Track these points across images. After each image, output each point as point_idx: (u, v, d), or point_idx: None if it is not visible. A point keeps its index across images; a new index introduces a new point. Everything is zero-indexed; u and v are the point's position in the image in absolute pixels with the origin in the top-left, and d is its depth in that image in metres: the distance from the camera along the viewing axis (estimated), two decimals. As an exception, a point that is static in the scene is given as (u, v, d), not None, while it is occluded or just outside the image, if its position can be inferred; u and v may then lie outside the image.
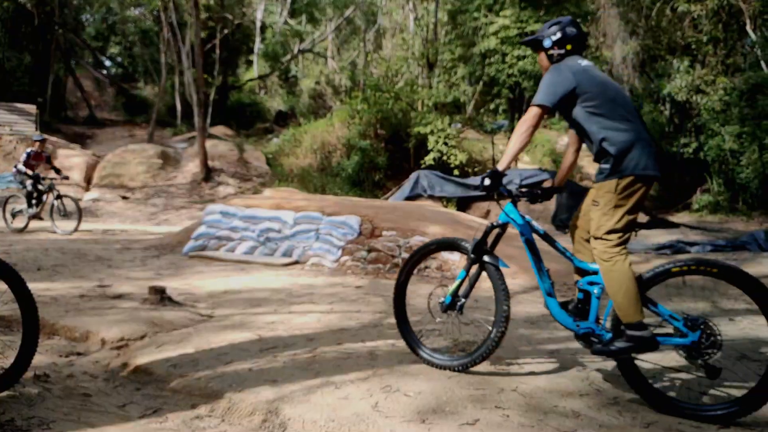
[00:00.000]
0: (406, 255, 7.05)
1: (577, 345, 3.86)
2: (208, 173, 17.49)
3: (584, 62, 2.85)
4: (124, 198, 16.20)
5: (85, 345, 3.94)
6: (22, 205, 10.71)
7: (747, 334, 4.31)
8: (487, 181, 2.90)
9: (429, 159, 16.61)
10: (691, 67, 15.51)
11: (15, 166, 10.57)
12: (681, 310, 2.81)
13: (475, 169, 17.56)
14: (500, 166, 2.89)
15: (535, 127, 2.78)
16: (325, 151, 19.45)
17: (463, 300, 3.19)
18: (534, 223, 3.13)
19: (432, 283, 6.40)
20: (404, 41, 23.37)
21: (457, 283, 3.23)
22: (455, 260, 6.91)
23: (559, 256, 3.17)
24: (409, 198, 13.70)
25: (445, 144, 16.59)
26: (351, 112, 19.23)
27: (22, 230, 10.35)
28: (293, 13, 30.86)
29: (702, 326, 2.61)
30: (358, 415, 2.63)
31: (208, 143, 18.46)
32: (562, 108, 2.82)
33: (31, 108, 18.45)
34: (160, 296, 4.87)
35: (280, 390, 2.91)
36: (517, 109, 19.10)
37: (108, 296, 5.25)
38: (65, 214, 10.52)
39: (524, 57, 15.83)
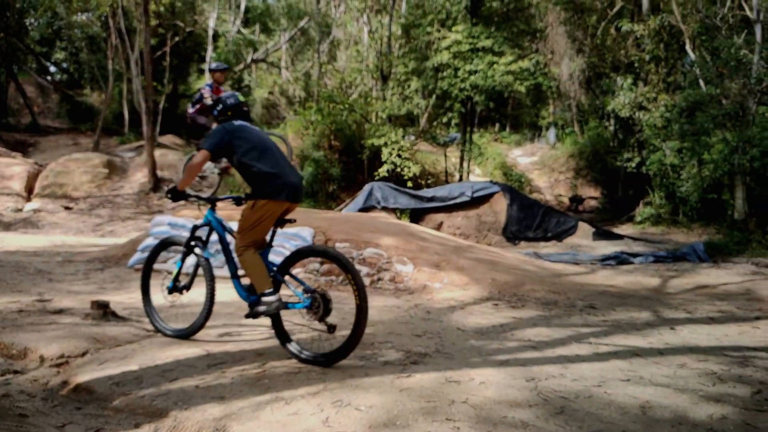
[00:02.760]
0: (359, 267, 7.04)
1: (526, 355, 3.94)
2: (157, 183, 17.07)
3: (239, 122, 3.92)
4: (68, 208, 15.63)
5: (22, 362, 3.76)
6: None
7: (687, 342, 4.48)
8: (168, 196, 3.95)
9: (383, 171, 16.67)
10: (634, 84, 16.07)
11: (196, 101, 8.33)
12: (305, 284, 3.69)
13: (429, 181, 17.71)
14: (179, 187, 3.95)
15: (203, 164, 3.83)
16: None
17: (182, 284, 4.16)
18: (225, 222, 4.13)
19: (385, 295, 6.41)
20: (358, 53, 23.46)
21: (175, 271, 4.18)
22: (408, 272, 6.95)
23: (511, 268, 3.28)
24: (362, 209, 13.68)
25: (399, 156, 16.69)
26: (305, 123, 19.14)
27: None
28: (246, 23, 30.57)
29: (313, 295, 3.57)
30: (309, 431, 2.60)
31: (157, 152, 18.04)
32: (225, 155, 3.84)
33: (-31, 114, 17.65)
34: (104, 311, 4.71)
35: (228, 407, 2.85)
36: (468, 122, 19.41)
37: (48, 311, 5.03)
38: None
39: (476, 72, 16.11)
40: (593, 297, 6.44)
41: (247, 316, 3.73)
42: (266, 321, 4.20)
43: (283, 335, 3.72)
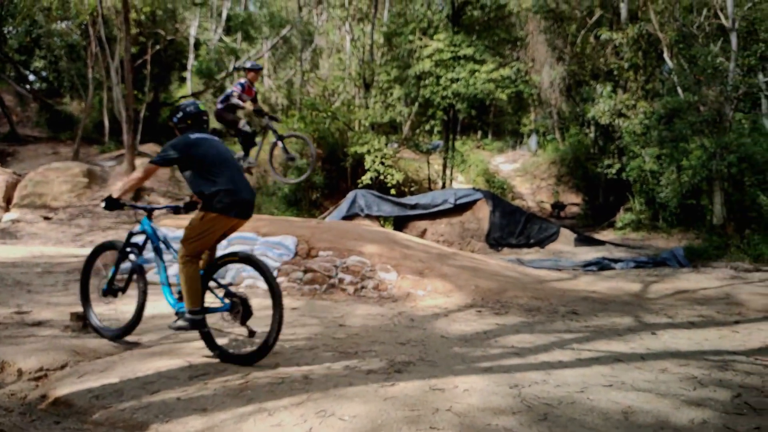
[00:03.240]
0: (342, 275, 7.03)
1: (509, 362, 3.95)
2: (138, 192, 16.90)
3: (197, 135, 3.94)
4: (47, 218, 15.41)
5: (0, 376, 3.70)
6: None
7: (668, 347, 4.52)
8: (103, 204, 3.98)
9: (366, 178, 16.68)
10: (614, 92, 16.30)
11: (224, 98, 7.77)
12: (228, 288, 3.93)
13: (412, 189, 17.77)
14: (115, 195, 3.97)
15: (147, 177, 3.95)
16: (260, 169, 19.19)
17: (117, 286, 4.34)
18: (159, 232, 4.25)
19: (369, 303, 6.39)
20: (341, 61, 23.51)
21: (110, 274, 4.33)
22: (391, 279, 6.95)
23: (494, 275, 3.28)
24: (346, 217, 13.67)
25: (382, 164, 16.72)
26: (287, 130, 19.11)
27: None
28: (228, 31, 30.49)
29: (233, 299, 3.82)
30: (292, 441, 2.58)
31: (138, 161, 17.86)
32: (178, 165, 3.86)
33: (-55, 123, 17.35)
34: (83, 323, 4.64)
35: (210, 419, 2.82)
36: (451, 130, 19.52)
37: (26, 323, 4.95)
38: (292, 159, 8.32)
39: (457, 80, 16.22)
40: (575, 303, 6.49)
41: (171, 326, 3.84)
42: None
43: (209, 340, 3.90)
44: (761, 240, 10.47)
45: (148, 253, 4.37)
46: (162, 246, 4.18)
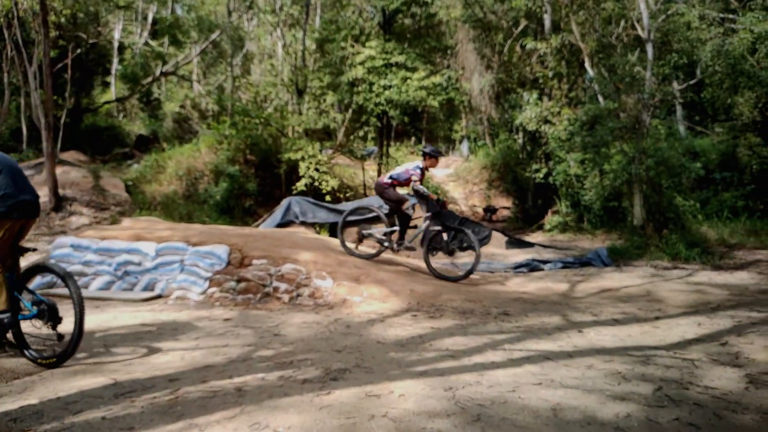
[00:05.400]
0: (277, 284, 6.93)
1: (444, 365, 4.00)
2: (59, 202, 16.09)
3: None
4: (-43, 232, 14.45)
5: None
6: (377, 228, 8.13)
7: (593, 344, 4.71)
8: None
9: (301, 185, 16.54)
10: (540, 99, 16.89)
11: (399, 177, 7.87)
12: (38, 296, 4.16)
13: (347, 195, 17.75)
14: None
15: None
16: (191, 177, 18.69)
17: None
18: None
19: (305, 311, 6.33)
20: (273, 67, 23.27)
21: None
22: (327, 286, 6.91)
23: (429, 279, 3.31)
24: (280, 225, 13.47)
25: (317, 170, 16.63)
26: (219, 137, 18.72)
27: (371, 256, 8.04)
28: (155, 35, 29.59)
29: (41, 306, 4.06)
30: (225, 456, 2.52)
31: (59, 170, 17.01)
32: None
33: None
34: (0, 342, 4.37)
35: (138, 437, 2.71)
36: (385, 136, 19.66)
37: (-67, 345, 4.61)
38: (457, 248, 7.72)
39: (390, 87, 16.36)
40: (507, 304, 6.65)
41: None
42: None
43: (22, 344, 4.16)
44: (678, 239, 11.04)
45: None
46: None
